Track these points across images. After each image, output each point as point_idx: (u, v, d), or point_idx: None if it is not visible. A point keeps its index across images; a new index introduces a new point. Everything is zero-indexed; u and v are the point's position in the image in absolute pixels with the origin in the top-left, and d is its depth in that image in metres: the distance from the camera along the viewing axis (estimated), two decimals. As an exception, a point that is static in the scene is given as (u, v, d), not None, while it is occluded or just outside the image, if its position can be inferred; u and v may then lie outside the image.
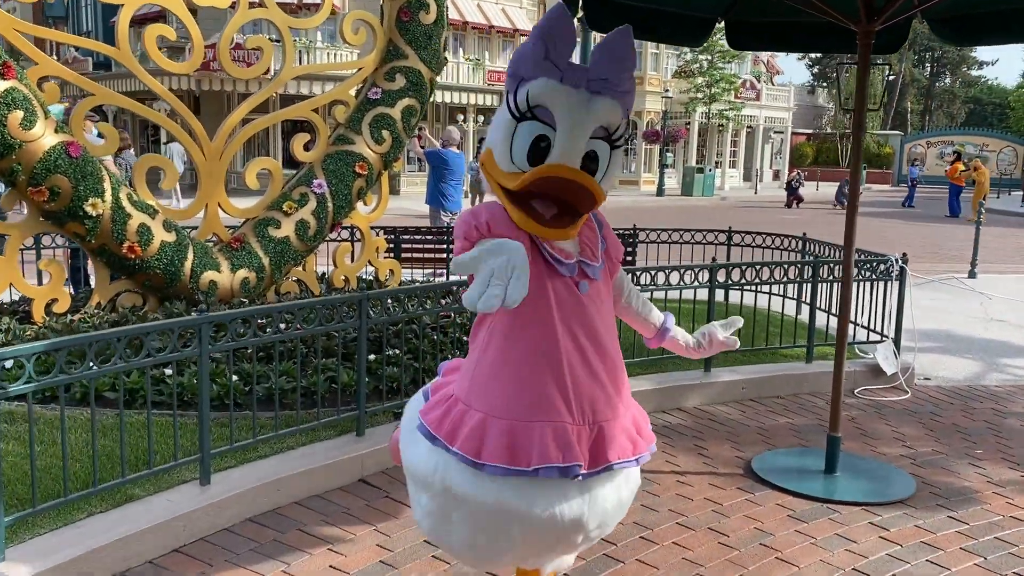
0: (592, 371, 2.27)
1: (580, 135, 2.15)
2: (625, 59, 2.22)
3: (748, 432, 5.27)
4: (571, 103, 2.14)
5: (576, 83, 2.16)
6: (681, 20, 5.12)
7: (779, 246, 8.50)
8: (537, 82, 2.15)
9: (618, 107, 2.21)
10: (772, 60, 48.07)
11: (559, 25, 2.18)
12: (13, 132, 5.05)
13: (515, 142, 2.19)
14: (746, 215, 24.74)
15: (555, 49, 2.16)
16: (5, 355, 3.05)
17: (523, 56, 2.21)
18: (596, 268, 2.37)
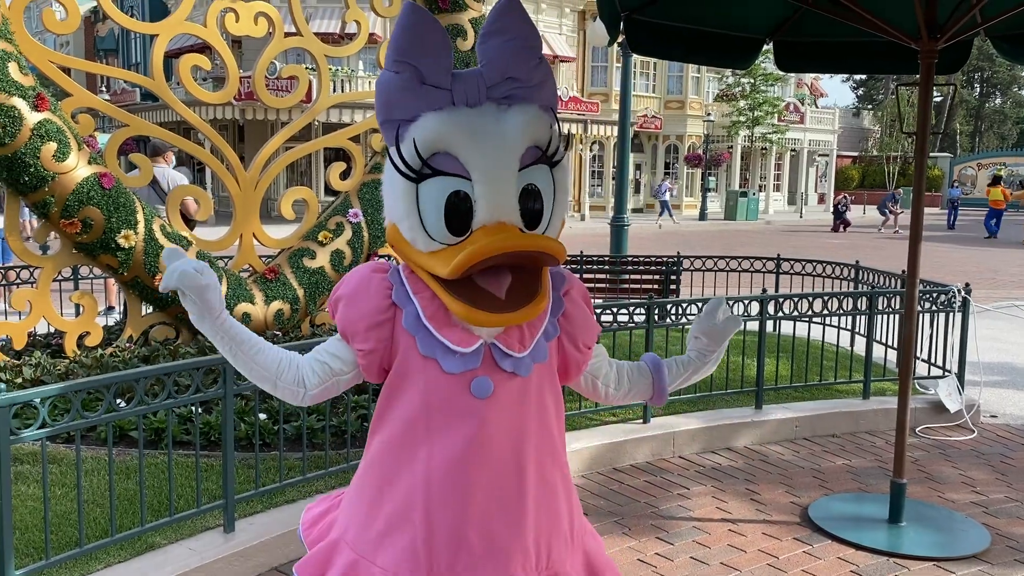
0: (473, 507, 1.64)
1: (506, 175, 1.55)
2: (523, 39, 1.61)
3: (803, 474, 4.96)
4: (478, 134, 1.54)
5: (473, 99, 1.58)
6: (728, 42, 4.90)
7: (830, 274, 8.19)
8: (423, 122, 1.56)
9: (539, 111, 1.61)
10: (816, 82, 47.51)
11: (418, 30, 1.56)
12: (46, 164, 4.99)
13: (424, 212, 1.56)
14: (792, 240, 24.26)
15: (427, 64, 1.56)
16: (18, 399, 2.91)
17: (389, 90, 1.60)
18: (519, 360, 1.66)
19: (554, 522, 1.75)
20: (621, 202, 11.89)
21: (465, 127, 1.55)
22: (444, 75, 1.57)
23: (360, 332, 1.66)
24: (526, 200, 1.59)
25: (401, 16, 1.58)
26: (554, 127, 1.64)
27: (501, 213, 1.55)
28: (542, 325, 1.72)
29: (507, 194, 1.55)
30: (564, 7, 33.20)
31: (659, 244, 19.41)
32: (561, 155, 1.65)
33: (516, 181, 1.56)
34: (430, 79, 1.57)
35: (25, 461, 4.16)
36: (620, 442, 5.03)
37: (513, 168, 1.56)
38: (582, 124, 31.22)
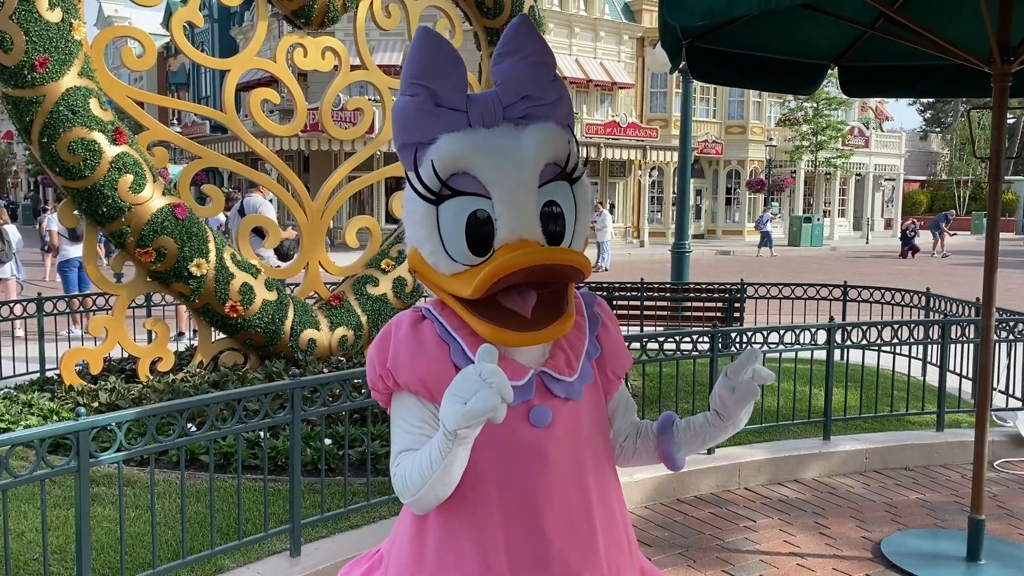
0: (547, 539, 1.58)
1: (526, 193, 1.52)
2: (537, 57, 1.60)
3: (874, 508, 4.81)
4: (495, 152, 1.53)
5: (490, 119, 1.57)
6: (791, 68, 4.85)
7: (900, 302, 7.99)
8: (440, 144, 1.54)
9: (557, 129, 1.58)
10: (881, 106, 46.63)
11: (432, 53, 1.57)
12: (123, 195, 5.18)
13: (444, 233, 1.53)
14: (858, 266, 23.74)
15: (442, 86, 1.56)
16: (97, 423, 3.01)
17: (405, 114, 1.59)
18: (571, 384, 1.63)
19: (618, 544, 1.72)
20: (682, 228, 11.79)
21: (483, 147, 1.53)
22: (459, 97, 1.57)
23: (435, 383, 1.57)
24: (547, 216, 1.56)
25: (415, 40, 1.59)
26: (572, 144, 1.61)
27: (522, 230, 1.52)
28: (584, 346, 1.68)
29: (528, 211, 1.53)
30: (623, 34, 33.31)
31: (721, 271, 19.19)
32: (580, 171, 1.62)
33: (536, 198, 1.54)
34: (445, 101, 1.56)
35: (101, 483, 4.28)
36: (684, 473, 4.95)
37: (532, 185, 1.54)
38: (641, 150, 31.16)
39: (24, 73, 4.89)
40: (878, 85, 5.10)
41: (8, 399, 5.62)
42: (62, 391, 5.56)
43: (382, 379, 1.62)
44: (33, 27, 4.89)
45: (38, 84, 4.93)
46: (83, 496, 2.92)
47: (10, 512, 3.29)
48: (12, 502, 3.81)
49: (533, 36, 1.61)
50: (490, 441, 1.55)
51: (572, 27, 31.39)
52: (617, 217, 31.83)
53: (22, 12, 4.87)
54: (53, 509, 3.93)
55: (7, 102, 5.05)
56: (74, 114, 5.01)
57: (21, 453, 4.20)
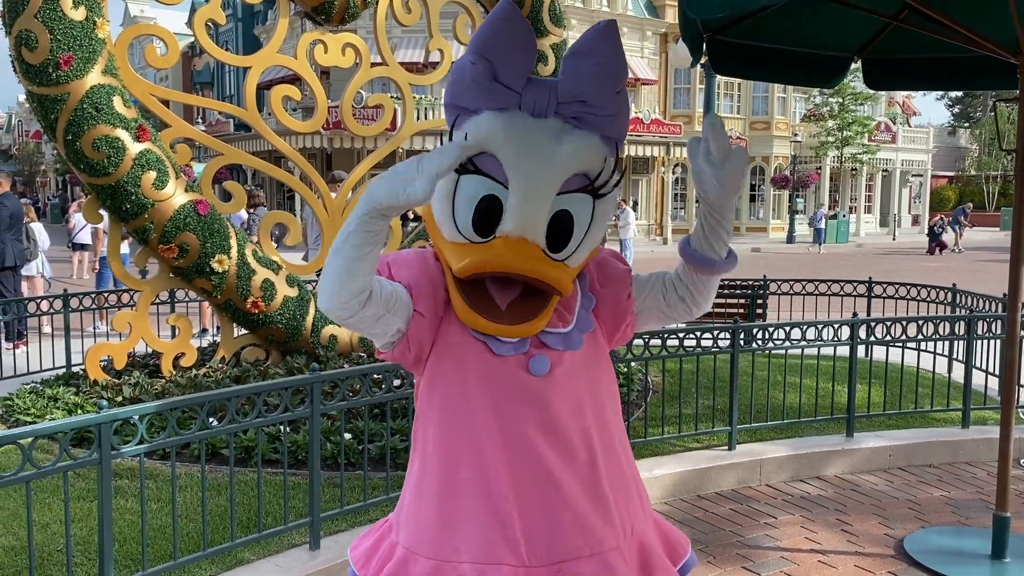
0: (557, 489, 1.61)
1: (543, 196, 1.54)
2: (609, 67, 1.59)
3: (897, 506, 4.76)
4: (528, 146, 1.54)
5: (541, 109, 1.57)
6: (814, 61, 4.80)
7: (925, 298, 7.89)
8: (480, 120, 1.56)
9: (599, 142, 1.59)
10: (908, 101, 46.09)
11: (505, 27, 1.55)
12: (146, 192, 5.23)
13: (457, 205, 1.58)
14: (884, 263, 23.49)
15: (504, 62, 1.55)
16: (119, 416, 3.04)
17: (461, 78, 1.60)
18: (568, 336, 1.67)
19: (625, 489, 1.73)
20: (704, 225, 11.73)
21: (518, 136, 1.55)
22: (519, 77, 1.57)
23: (423, 294, 1.63)
24: (557, 223, 1.58)
25: (494, 10, 1.58)
26: (609, 160, 1.61)
27: (526, 230, 1.56)
28: (576, 301, 1.72)
29: (538, 214, 1.55)
30: (646, 30, 33.16)
31: (745, 268, 19.04)
32: (609, 189, 1.62)
33: (550, 204, 1.56)
34: (503, 78, 1.56)
35: (123, 476, 4.33)
36: (704, 469, 4.93)
37: (553, 190, 1.56)
38: (664, 147, 31.02)
39: (49, 71, 4.95)
40: (902, 78, 5.04)
41: (34, 393, 5.70)
42: (87, 386, 5.63)
43: (379, 271, 1.65)
44: (57, 25, 4.94)
45: (62, 82, 4.98)
46: (105, 488, 2.96)
47: (35, 504, 3.34)
48: (37, 494, 3.87)
49: (614, 45, 1.60)
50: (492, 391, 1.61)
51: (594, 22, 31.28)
52: (640, 214, 31.71)
53: (47, 11, 4.92)
54: (76, 501, 3.98)
55: (32, 100, 5.12)
56: (98, 112, 5.07)
57: (46, 446, 4.25)
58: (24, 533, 3.55)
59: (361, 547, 1.83)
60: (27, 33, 4.91)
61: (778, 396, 5.65)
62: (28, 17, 4.91)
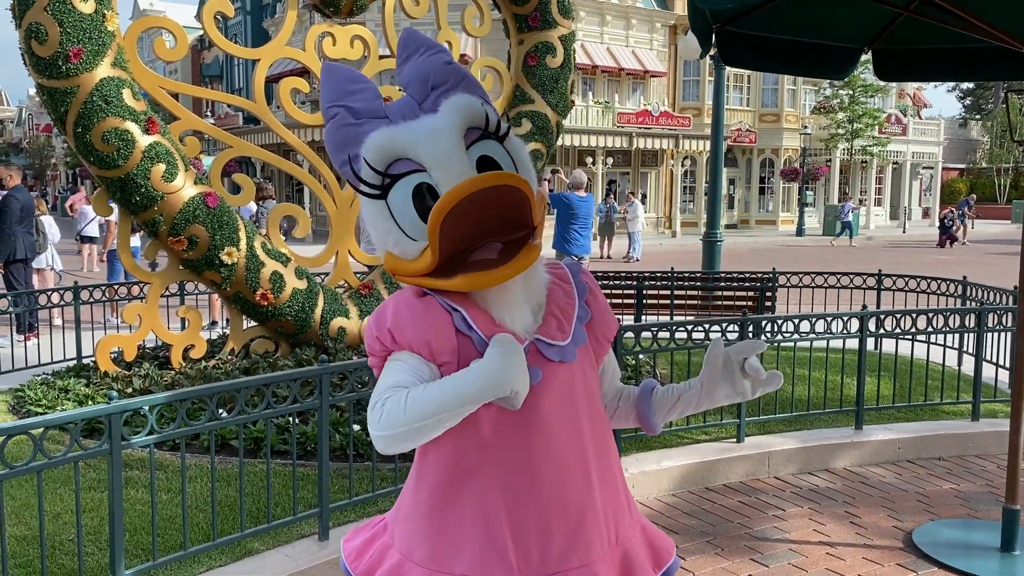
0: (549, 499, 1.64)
1: (455, 152, 1.59)
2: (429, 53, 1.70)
3: (906, 498, 4.75)
4: (417, 131, 1.61)
5: (408, 114, 1.64)
6: (823, 52, 4.77)
7: (935, 291, 7.86)
8: (368, 142, 1.62)
9: (469, 97, 1.65)
10: (919, 93, 45.80)
11: (341, 78, 1.70)
12: (156, 184, 5.25)
13: (398, 218, 1.61)
14: (894, 255, 23.39)
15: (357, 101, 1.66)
16: (129, 407, 3.06)
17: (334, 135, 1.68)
18: (564, 348, 1.69)
19: (615, 498, 1.76)
20: (714, 217, 11.69)
21: (406, 131, 1.61)
22: (376, 106, 1.66)
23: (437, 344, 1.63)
24: (484, 166, 1.61)
25: (322, 77, 1.72)
26: (487, 107, 1.67)
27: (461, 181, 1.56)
28: (574, 311, 1.75)
29: (462, 166, 1.58)
30: (655, 22, 33.03)
31: (754, 260, 19.00)
32: (505, 130, 1.67)
33: (467, 157, 1.60)
34: (364, 112, 1.65)
35: (134, 467, 4.36)
36: (712, 461, 4.93)
37: (460, 147, 1.60)
38: (673, 139, 30.92)
39: (58, 64, 4.97)
40: (913, 69, 4.99)
41: (46, 384, 5.74)
42: (97, 377, 5.67)
43: (380, 341, 1.65)
44: (67, 18, 4.95)
45: (72, 75, 5.00)
46: (115, 477, 2.98)
47: (46, 494, 3.36)
48: (48, 484, 3.89)
49: (420, 38, 1.72)
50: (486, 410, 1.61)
51: (604, 15, 31.18)
52: (649, 207, 31.65)
53: (56, 4, 4.93)
54: (87, 492, 4.01)
55: (42, 92, 5.14)
56: (107, 104, 5.08)
57: (57, 437, 4.28)
58: (36, 523, 3.57)
59: (355, 541, 1.84)
60: (37, 26, 4.93)
61: (787, 388, 5.64)
62: (38, 10, 4.92)
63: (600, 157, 29.79)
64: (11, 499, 3.85)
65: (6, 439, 2.68)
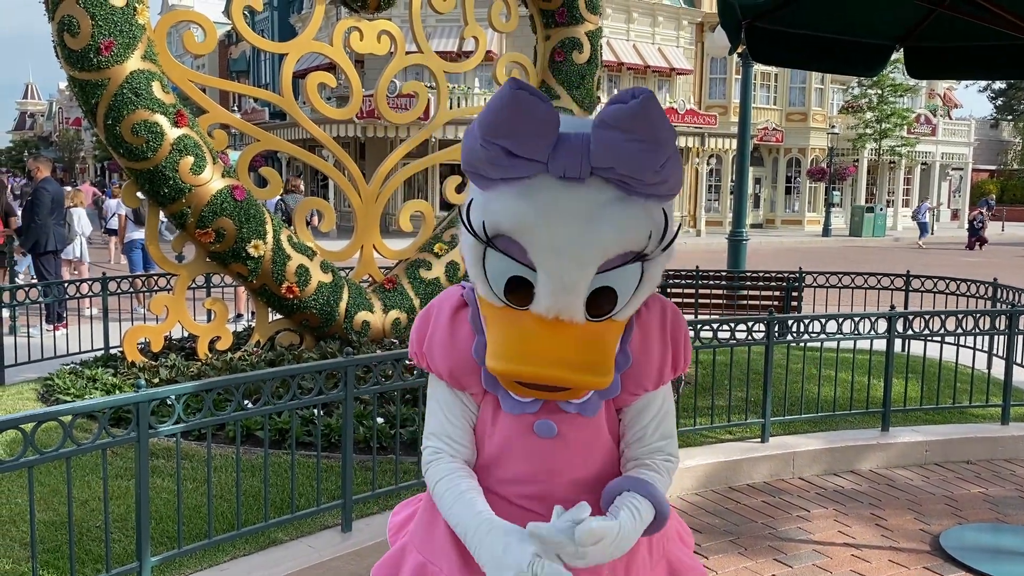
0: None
1: (574, 284, 1.39)
2: (646, 147, 1.35)
3: (933, 501, 4.69)
4: (554, 234, 1.36)
5: (572, 171, 1.36)
6: (854, 48, 4.71)
7: (964, 292, 7.76)
8: (496, 199, 1.40)
9: (639, 211, 1.39)
10: (950, 93, 45.21)
11: (516, 110, 1.35)
12: (184, 177, 5.29)
13: (488, 270, 1.47)
14: (922, 257, 23.12)
15: (522, 143, 1.36)
16: (157, 395, 3.08)
17: (472, 152, 1.43)
18: (587, 404, 1.57)
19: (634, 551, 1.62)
20: (740, 216, 11.62)
21: (544, 217, 1.37)
22: (541, 149, 1.37)
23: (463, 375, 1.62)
24: (596, 298, 1.44)
25: (498, 94, 1.38)
26: (656, 227, 1.42)
27: (560, 312, 1.43)
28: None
29: (572, 298, 1.41)
30: (682, 19, 32.84)
31: (780, 260, 18.85)
32: (659, 252, 1.45)
33: (587, 282, 1.41)
34: (522, 152, 1.38)
35: (159, 456, 4.40)
36: (737, 460, 4.89)
37: (586, 278, 1.41)
38: (699, 137, 30.75)
39: (90, 56, 5.02)
40: (946, 67, 4.92)
41: (74, 374, 5.81)
42: (124, 367, 5.73)
43: (417, 357, 1.69)
44: (99, 11, 5.00)
45: (103, 67, 5.05)
46: (143, 465, 3.01)
47: (74, 481, 3.40)
48: (76, 472, 3.94)
49: (650, 120, 1.35)
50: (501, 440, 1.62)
51: (630, 12, 31.04)
52: (674, 205, 31.37)
53: (89, -3, 4.98)
54: (114, 480, 4.05)
55: (74, 85, 5.19)
56: (137, 96, 5.13)
57: (85, 425, 4.33)
58: (63, 509, 3.62)
59: (399, 516, 1.90)
60: (70, 19, 4.98)
61: (812, 389, 5.59)
62: (71, 3, 4.98)
63: (625, 155, 29.61)
64: (40, 485, 3.90)
65: (36, 425, 2.71)
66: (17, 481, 3.98)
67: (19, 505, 3.80)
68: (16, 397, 5.65)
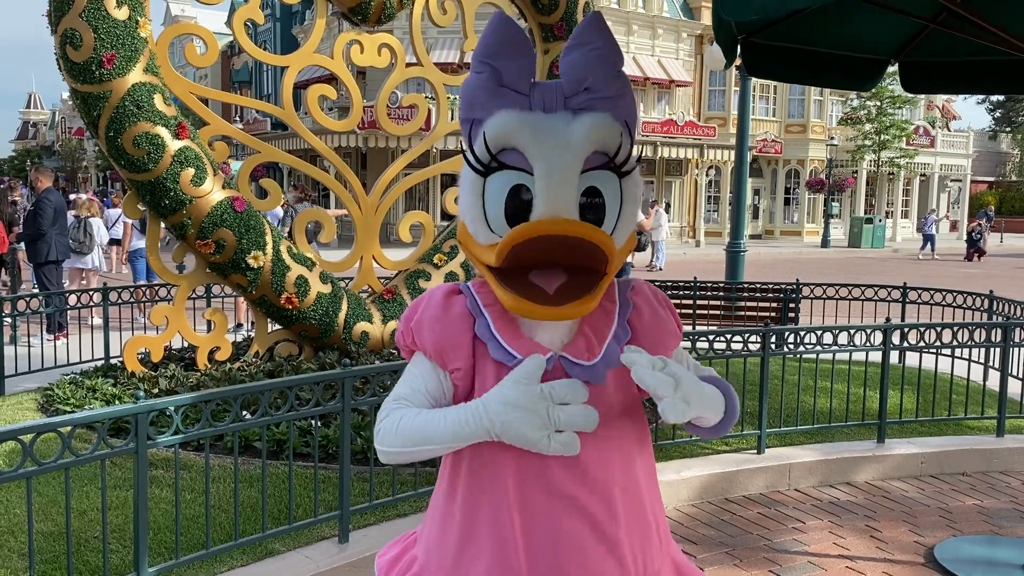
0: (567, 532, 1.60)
1: (567, 173, 1.56)
2: (603, 51, 1.63)
3: (928, 513, 4.71)
4: (544, 132, 1.58)
5: (550, 105, 1.62)
6: (849, 63, 4.76)
7: (961, 304, 7.79)
8: (495, 118, 1.61)
9: (610, 120, 1.61)
10: (948, 105, 45.37)
11: (505, 36, 1.64)
12: (185, 188, 5.33)
13: (487, 203, 1.61)
14: (921, 268, 23.16)
15: (508, 67, 1.62)
16: (155, 406, 3.11)
17: (471, 90, 1.66)
18: (592, 369, 1.63)
19: (644, 529, 1.69)
20: (738, 228, 11.66)
21: (533, 126, 1.59)
22: (523, 80, 1.63)
23: (450, 350, 1.65)
24: (587, 200, 1.59)
25: (490, 22, 1.66)
26: (624, 137, 1.63)
27: (558, 209, 1.55)
28: (610, 331, 1.68)
29: (566, 191, 1.56)
30: (681, 32, 32.99)
31: (778, 271, 18.89)
32: (631, 166, 1.63)
33: (577, 181, 1.58)
34: (509, 82, 1.62)
35: (157, 466, 4.42)
36: (733, 472, 4.91)
37: (575, 168, 1.58)
38: (698, 148, 30.83)
39: (92, 69, 5.06)
40: (941, 81, 4.95)
41: (74, 384, 5.83)
42: (124, 377, 5.75)
43: (403, 336, 1.72)
44: (101, 24, 5.05)
45: (105, 80, 5.09)
46: (141, 476, 3.03)
47: (72, 491, 3.42)
48: (75, 482, 3.96)
49: (603, 32, 1.64)
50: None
51: (630, 24, 31.19)
52: (673, 216, 31.55)
53: (91, 10, 5.03)
54: (112, 490, 4.07)
55: (76, 97, 5.23)
56: (139, 109, 5.17)
57: (84, 436, 4.35)
58: (61, 519, 3.64)
59: (387, 555, 1.86)
60: (72, 32, 5.03)
61: (808, 400, 5.62)
62: (73, 16, 5.02)
63: (624, 166, 29.69)
64: (38, 495, 3.92)
65: (35, 436, 2.74)
66: (15, 492, 4.00)
67: (17, 516, 3.82)
68: (16, 407, 5.68)
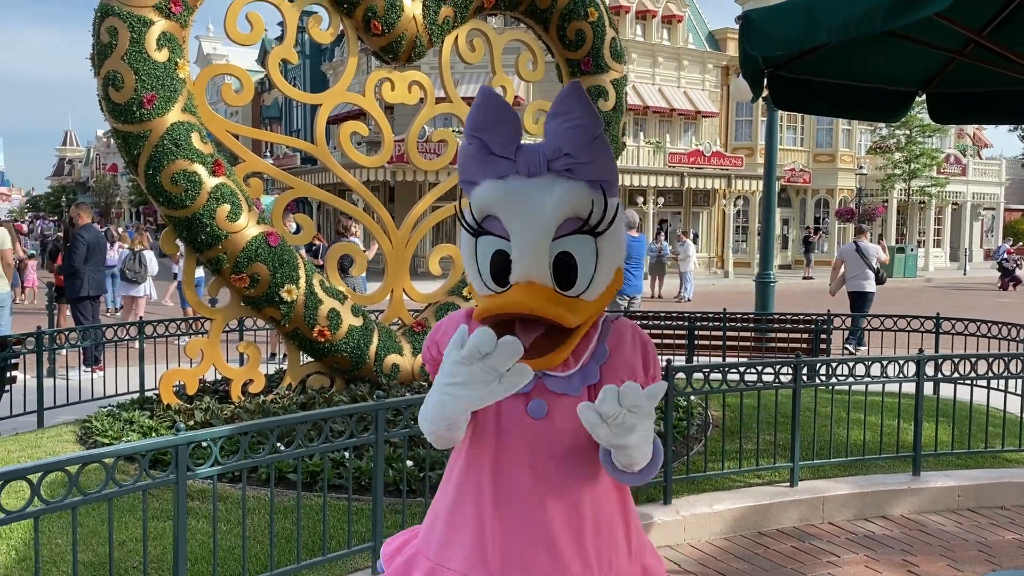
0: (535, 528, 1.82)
1: (538, 245, 1.74)
2: (579, 123, 1.77)
3: (967, 547, 4.64)
4: (521, 204, 1.75)
5: (533, 168, 1.78)
6: (877, 95, 4.78)
7: (996, 335, 7.69)
8: (480, 188, 1.80)
9: (583, 188, 1.76)
10: (979, 132, 44.99)
11: (490, 110, 1.81)
12: (221, 224, 5.45)
13: (479, 261, 1.82)
14: (954, 298, 22.85)
15: (494, 140, 1.79)
16: (195, 438, 3.17)
17: (464, 158, 1.85)
18: (570, 380, 1.85)
19: (611, 537, 1.89)
20: (767, 258, 11.61)
21: (511, 197, 1.77)
22: (509, 148, 1.80)
23: None
24: (560, 264, 1.76)
25: (477, 98, 1.84)
26: (598, 201, 1.78)
27: (532, 275, 1.75)
28: (586, 348, 1.87)
29: (537, 258, 1.74)
30: (707, 63, 33.16)
31: (808, 302, 18.73)
32: (604, 227, 1.78)
33: (549, 248, 1.75)
34: (497, 150, 1.80)
35: (194, 498, 4.47)
36: (766, 505, 4.88)
37: (547, 236, 1.75)
38: (725, 179, 30.82)
39: (133, 109, 5.22)
40: (969, 111, 4.96)
41: (111, 416, 5.93)
42: (160, 410, 5.84)
43: (428, 349, 1.95)
44: (142, 66, 5.21)
45: (145, 120, 5.24)
46: (180, 506, 3.08)
47: (113, 522, 3.48)
48: (114, 513, 4.02)
49: (580, 100, 1.79)
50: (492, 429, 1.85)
51: (655, 56, 31.42)
52: (701, 247, 31.48)
53: (132, 52, 5.20)
54: (151, 521, 4.11)
55: (117, 136, 5.39)
56: (177, 147, 5.31)
57: (122, 467, 4.43)
58: (101, 549, 3.71)
59: (393, 543, 2.08)
60: (114, 74, 5.19)
61: (841, 432, 5.57)
62: (115, 59, 5.19)
63: (651, 197, 29.79)
64: (79, 526, 3.98)
65: (81, 467, 2.81)
66: (56, 523, 4.07)
67: (59, 546, 3.89)
68: (55, 440, 5.78)
